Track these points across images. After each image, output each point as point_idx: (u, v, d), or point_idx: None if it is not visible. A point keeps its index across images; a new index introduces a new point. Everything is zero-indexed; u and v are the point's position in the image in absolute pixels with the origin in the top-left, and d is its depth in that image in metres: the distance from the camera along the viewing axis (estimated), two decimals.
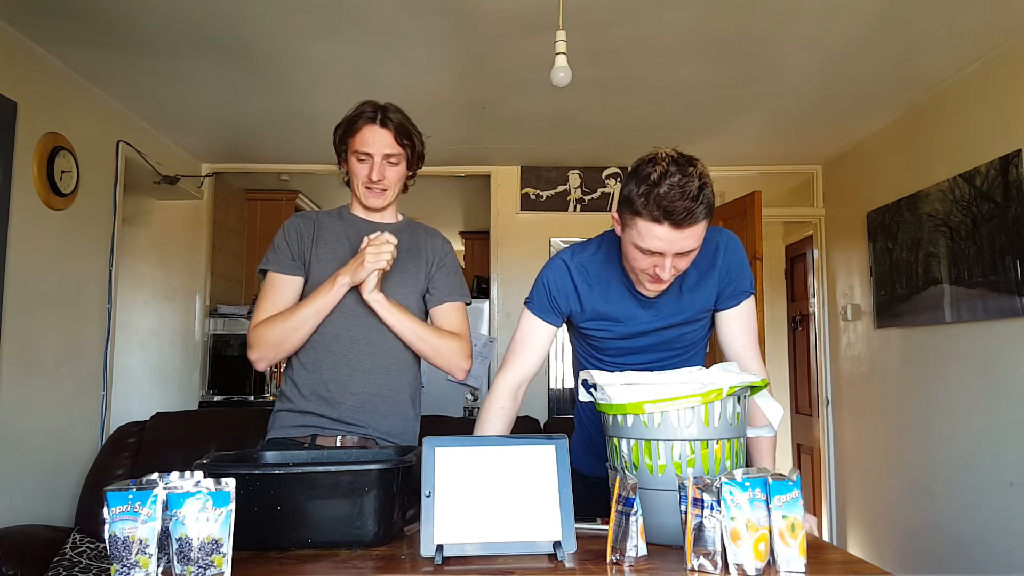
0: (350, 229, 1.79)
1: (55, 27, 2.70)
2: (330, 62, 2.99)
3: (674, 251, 1.40)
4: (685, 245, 1.39)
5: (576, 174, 4.65)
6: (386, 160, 1.73)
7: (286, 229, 1.78)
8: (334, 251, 1.76)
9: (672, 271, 1.44)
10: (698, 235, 1.39)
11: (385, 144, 1.72)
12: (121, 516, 1.00)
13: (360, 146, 1.72)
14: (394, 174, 1.76)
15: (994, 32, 2.74)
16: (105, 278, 3.40)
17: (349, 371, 1.72)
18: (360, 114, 1.73)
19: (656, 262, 1.43)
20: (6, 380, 2.68)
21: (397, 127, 1.72)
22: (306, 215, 1.83)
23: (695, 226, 1.37)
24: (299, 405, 1.73)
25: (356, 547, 1.24)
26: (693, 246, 1.41)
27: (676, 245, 1.39)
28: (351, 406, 1.71)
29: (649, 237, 1.39)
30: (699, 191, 1.35)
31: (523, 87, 3.28)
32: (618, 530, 1.15)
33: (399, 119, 1.74)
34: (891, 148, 3.73)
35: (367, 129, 1.71)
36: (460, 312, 1.83)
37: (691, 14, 2.60)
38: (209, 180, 4.57)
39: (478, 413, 1.70)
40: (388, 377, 1.75)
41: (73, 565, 2.59)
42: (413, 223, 1.89)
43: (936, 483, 3.30)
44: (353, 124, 1.73)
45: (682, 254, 1.42)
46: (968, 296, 3.01)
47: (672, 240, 1.38)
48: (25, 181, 2.78)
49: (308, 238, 1.76)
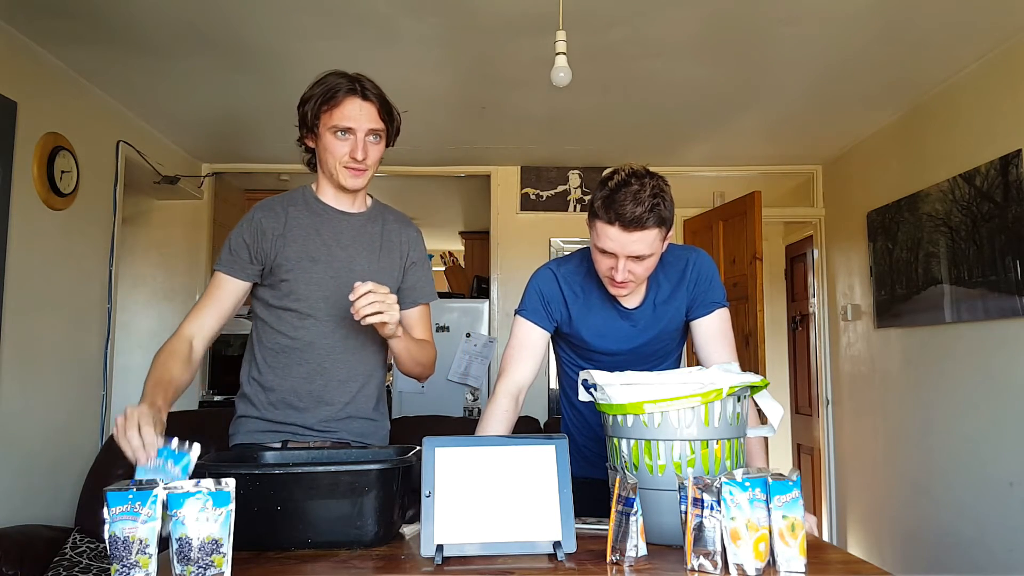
0: (321, 223, 1.67)
1: (55, 27, 2.70)
2: (330, 62, 2.96)
3: (626, 253, 1.50)
4: (636, 249, 1.49)
5: (576, 174, 4.65)
6: (369, 136, 1.60)
7: (248, 226, 1.64)
8: (305, 249, 1.63)
9: (627, 274, 1.53)
10: (648, 241, 1.49)
11: (370, 119, 1.59)
12: (121, 516, 1.00)
13: (342, 120, 1.57)
14: (376, 152, 1.63)
15: (994, 32, 2.74)
16: (105, 278, 3.40)
17: (324, 381, 1.64)
18: (337, 86, 1.58)
19: (612, 264, 1.53)
20: (6, 380, 2.68)
21: (381, 101, 1.61)
22: (271, 207, 1.67)
23: (644, 231, 1.48)
24: (267, 414, 1.65)
25: (356, 547, 1.24)
26: (644, 251, 1.50)
27: (627, 247, 1.49)
28: (324, 417, 1.65)
29: (603, 237, 1.51)
30: (650, 199, 1.46)
31: (523, 87, 3.28)
32: (618, 530, 1.15)
33: (378, 91, 1.62)
34: (891, 148, 3.73)
35: (350, 102, 1.57)
36: (428, 313, 1.80)
37: (691, 14, 2.60)
38: (209, 180, 4.57)
39: (480, 418, 1.70)
40: (362, 384, 1.69)
41: (73, 565, 2.59)
42: (384, 209, 1.78)
43: (936, 483, 3.30)
44: (332, 96, 1.57)
45: (635, 258, 1.51)
46: (968, 296, 3.01)
47: (623, 242, 1.49)
48: (25, 181, 2.78)
49: (272, 235, 1.63)
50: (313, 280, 1.63)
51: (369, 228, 1.70)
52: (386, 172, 4.67)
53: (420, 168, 4.63)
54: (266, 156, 4.47)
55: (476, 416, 4.41)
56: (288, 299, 1.64)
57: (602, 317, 1.69)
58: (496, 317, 4.60)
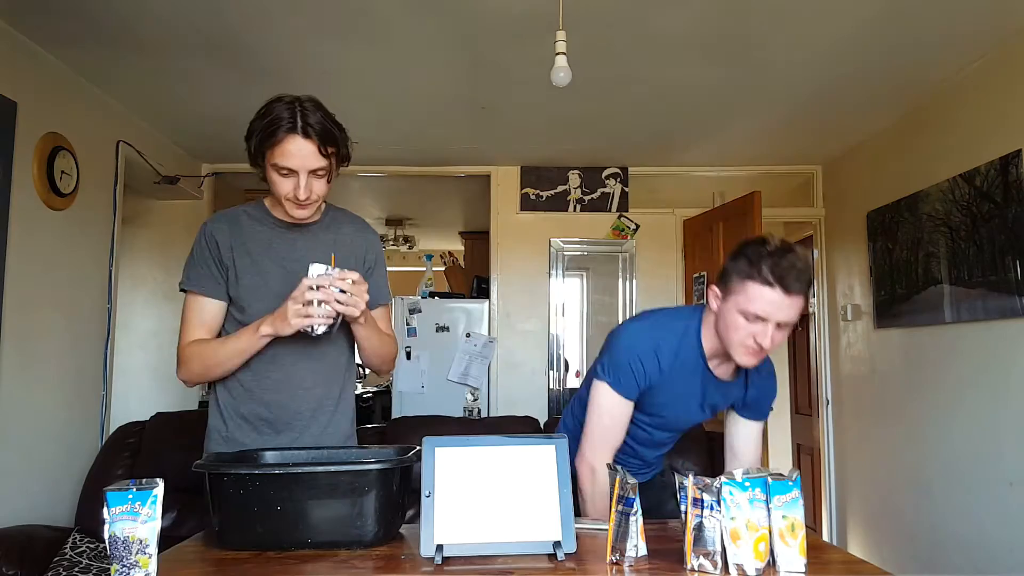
0: (275, 237, 1.66)
1: (55, 27, 2.70)
2: (330, 62, 2.99)
3: (778, 319, 1.47)
4: (788, 315, 1.48)
5: (576, 174, 4.65)
6: (312, 174, 1.54)
7: (205, 239, 1.63)
8: (258, 265, 1.63)
9: (770, 341, 1.49)
10: (799, 308, 1.48)
11: (310, 158, 1.51)
12: (121, 516, 1.00)
13: (281, 159, 1.51)
14: (320, 186, 1.56)
15: (994, 32, 2.74)
16: (105, 278, 3.40)
17: (291, 390, 1.64)
18: (278, 121, 1.50)
19: (757, 331, 1.49)
20: (6, 380, 2.68)
21: (321, 135, 1.51)
22: (225, 218, 1.66)
23: (800, 297, 1.47)
24: (235, 434, 1.64)
25: (356, 547, 1.24)
26: (794, 318, 1.49)
27: (782, 312, 1.47)
28: (296, 425, 1.65)
29: (758, 300, 1.47)
30: (806, 267, 1.47)
31: (523, 87, 3.28)
32: (618, 530, 1.15)
33: (320, 124, 1.51)
34: (891, 148, 3.73)
35: (289, 141, 1.50)
36: (389, 313, 1.83)
37: (691, 14, 2.60)
38: (209, 180, 4.57)
39: (591, 496, 1.62)
40: (329, 388, 1.69)
41: (73, 565, 2.59)
42: (338, 215, 1.75)
43: (936, 483, 3.30)
44: (273, 133, 1.50)
45: (782, 325, 1.49)
46: (968, 296, 3.01)
47: (780, 306, 1.46)
48: (25, 181, 2.78)
49: (228, 247, 1.62)
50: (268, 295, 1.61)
51: (323, 236, 1.69)
52: (386, 172, 4.67)
53: (420, 168, 4.63)
54: None
55: (476, 416, 4.41)
56: (243, 315, 1.63)
57: (685, 387, 1.65)
58: (496, 317, 4.60)
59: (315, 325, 1.46)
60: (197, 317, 1.63)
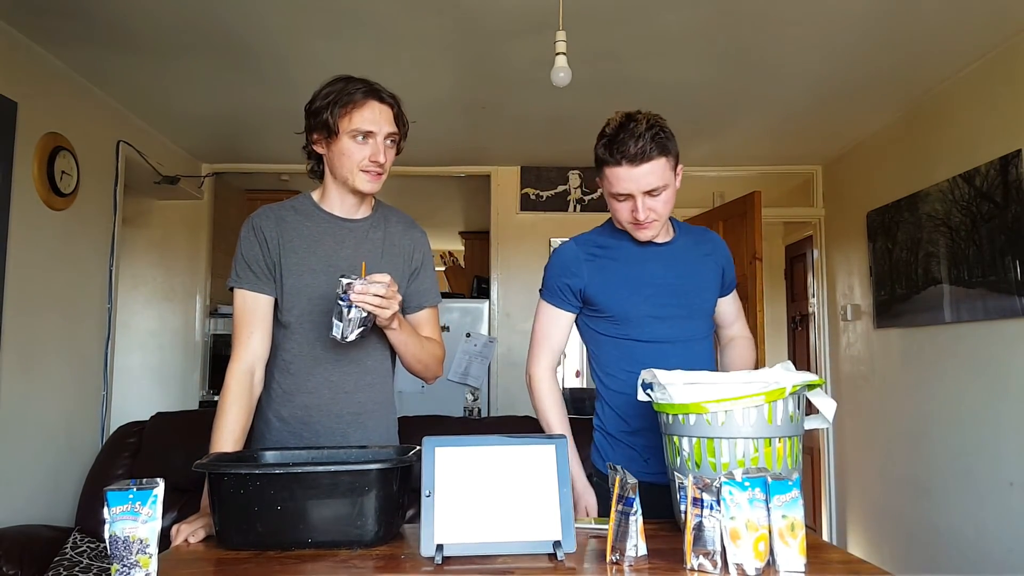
0: (323, 233, 1.62)
1: (55, 27, 2.70)
2: (330, 62, 2.98)
3: (641, 190, 1.55)
4: (648, 182, 1.54)
5: (576, 174, 4.65)
6: (387, 140, 1.57)
7: (251, 234, 1.60)
8: (303, 265, 1.59)
9: (648, 212, 1.57)
10: (658, 172, 1.54)
11: (388, 122, 1.56)
12: (121, 516, 1.01)
13: (362, 124, 1.53)
14: (391, 157, 1.60)
15: (994, 32, 2.74)
16: (105, 278, 3.40)
17: (332, 394, 1.61)
18: (354, 89, 1.53)
19: (631, 206, 1.58)
20: (6, 380, 2.68)
21: (396, 105, 1.58)
22: (268, 214, 1.63)
23: (651, 162, 1.53)
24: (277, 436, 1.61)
25: (356, 547, 1.24)
26: (656, 183, 1.55)
27: (640, 183, 1.54)
28: (336, 429, 1.62)
29: (615, 180, 1.56)
30: (648, 131, 1.53)
31: (523, 87, 3.28)
32: (618, 530, 1.15)
33: (394, 96, 1.59)
34: (891, 148, 3.73)
35: (369, 106, 1.53)
36: (436, 316, 1.76)
37: (691, 14, 2.60)
38: (209, 180, 4.57)
39: (537, 403, 1.73)
40: (372, 392, 1.66)
41: (73, 565, 2.59)
42: (387, 212, 1.72)
43: (936, 483, 3.30)
44: (350, 98, 1.52)
45: (650, 193, 1.56)
46: (968, 296, 3.01)
47: (633, 178, 1.54)
48: (25, 181, 2.78)
49: (276, 243, 1.59)
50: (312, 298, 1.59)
51: (372, 235, 1.66)
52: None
53: (420, 168, 4.62)
54: (266, 156, 4.47)
55: (476, 416, 4.41)
56: (284, 316, 1.60)
57: (631, 264, 1.67)
58: (496, 317, 4.60)
59: (345, 332, 1.42)
60: (249, 315, 1.59)
